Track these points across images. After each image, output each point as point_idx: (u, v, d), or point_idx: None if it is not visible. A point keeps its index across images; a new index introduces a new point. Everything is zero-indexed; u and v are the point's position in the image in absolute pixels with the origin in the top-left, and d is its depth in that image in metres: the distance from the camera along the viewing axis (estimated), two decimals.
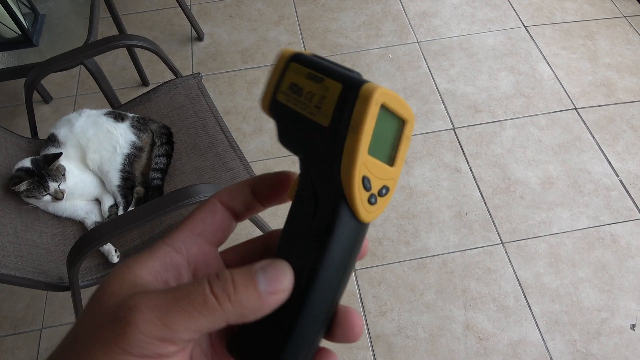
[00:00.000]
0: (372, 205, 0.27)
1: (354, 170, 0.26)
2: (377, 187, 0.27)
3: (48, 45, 1.42)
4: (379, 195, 0.28)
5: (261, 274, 0.25)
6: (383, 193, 0.28)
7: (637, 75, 1.87)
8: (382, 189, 0.28)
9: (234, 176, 1.18)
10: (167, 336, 0.22)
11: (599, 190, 1.60)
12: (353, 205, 0.26)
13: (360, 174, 0.26)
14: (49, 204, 1.13)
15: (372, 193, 0.27)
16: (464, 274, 1.46)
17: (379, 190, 0.27)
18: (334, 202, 0.27)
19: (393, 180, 0.28)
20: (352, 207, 0.26)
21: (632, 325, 1.36)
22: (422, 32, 2.07)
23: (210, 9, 2.23)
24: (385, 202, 0.28)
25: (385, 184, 0.28)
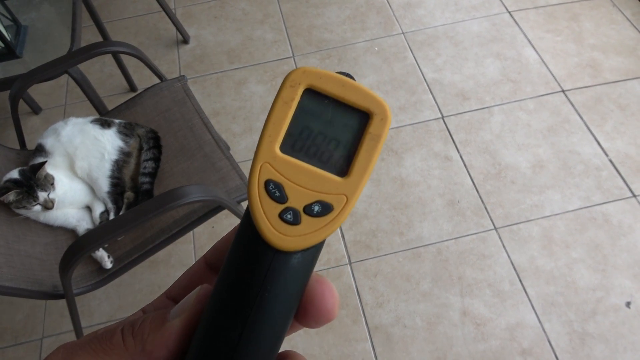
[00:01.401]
0: (288, 224, 0.20)
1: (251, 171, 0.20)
2: (303, 200, 0.20)
3: (32, 56, 1.42)
4: (308, 214, 0.20)
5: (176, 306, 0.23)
6: (316, 211, 0.20)
7: (623, 54, 1.88)
8: (315, 205, 0.20)
9: (222, 176, 1.18)
10: None
11: (589, 171, 1.61)
12: (253, 217, 0.20)
13: (260, 177, 0.20)
14: (40, 213, 1.13)
15: (288, 207, 0.20)
16: (459, 261, 1.47)
17: (306, 205, 0.20)
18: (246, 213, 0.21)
19: (343, 196, 0.21)
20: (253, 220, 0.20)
21: (628, 302, 1.37)
22: (406, 23, 2.07)
23: (195, 11, 2.23)
24: (326, 227, 0.20)
25: (323, 199, 0.20)
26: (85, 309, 1.47)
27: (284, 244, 0.20)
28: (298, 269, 0.21)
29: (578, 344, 1.31)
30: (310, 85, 0.21)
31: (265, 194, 0.20)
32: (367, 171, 0.21)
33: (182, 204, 0.96)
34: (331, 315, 0.22)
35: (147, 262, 1.24)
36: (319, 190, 0.20)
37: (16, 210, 1.10)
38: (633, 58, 1.86)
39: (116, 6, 2.31)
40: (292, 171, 0.20)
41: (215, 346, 0.21)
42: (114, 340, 0.22)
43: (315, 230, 0.20)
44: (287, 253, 0.20)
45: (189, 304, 0.22)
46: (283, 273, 0.20)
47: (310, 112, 0.21)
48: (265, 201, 0.20)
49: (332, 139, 0.21)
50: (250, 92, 1.93)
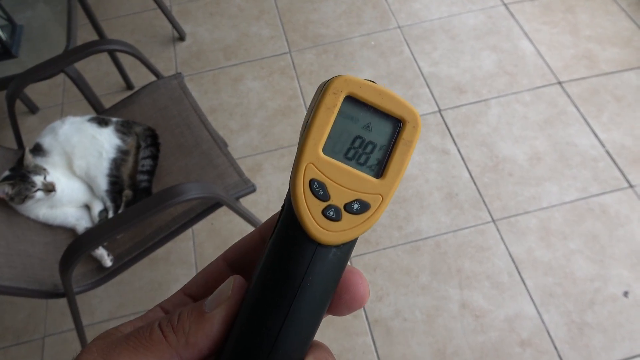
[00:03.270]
0: (330, 220, 0.22)
1: (296, 171, 0.22)
2: (343, 199, 0.22)
3: (28, 56, 1.42)
4: (348, 211, 0.22)
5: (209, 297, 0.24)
6: (355, 209, 0.22)
7: (618, 45, 1.88)
8: (354, 203, 0.22)
9: (220, 173, 1.19)
10: None
11: (586, 162, 1.61)
12: (297, 213, 0.22)
13: (305, 176, 0.22)
14: (40, 210, 1.14)
15: (330, 204, 0.22)
16: (457, 254, 1.48)
17: (346, 203, 0.22)
18: (288, 209, 0.23)
19: (379, 196, 0.23)
20: (297, 216, 0.22)
21: (625, 292, 1.38)
22: (402, 17, 2.07)
23: (191, 9, 2.23)
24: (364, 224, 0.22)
25: (361, 198, 0.22)
26: (87, 307, 1.48)
27: (326, 239, 0.22)
28: (336, 261, 0.22)
29: (576, 334, 1.32)
30: (350, 93, 0.22)
31: (310, 192, 0.22)
32: (400, 173, 0.23)
33: (180, 201, 0.96)
34: (363, 301, 0.24)
35: (147, 260, 1.25)
36: (358, 190, 0.22)
37: (21, 205, 1.09)
38: (629, 49, 1.87)
39: (112, 4, 2.31)
40: (334, 172, 0.22)
41: (258, 333, 0.22)
42: (154, 337, 0.22)
43: (354, 226, 0.22)
44: (328, 247, 0.22)
45: (226, 295, 0.23)
46: (324, 265, 0.22)
47: (350, 118, 0.22)
48: (310, 199, 0.22)
49: (369, 143, 0.22)
50: (247, 88, 1.93)
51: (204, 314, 0.23)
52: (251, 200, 1.61)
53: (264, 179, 1.68)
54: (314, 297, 0.22)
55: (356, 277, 0.24)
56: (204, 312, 0.23)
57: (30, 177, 1.08)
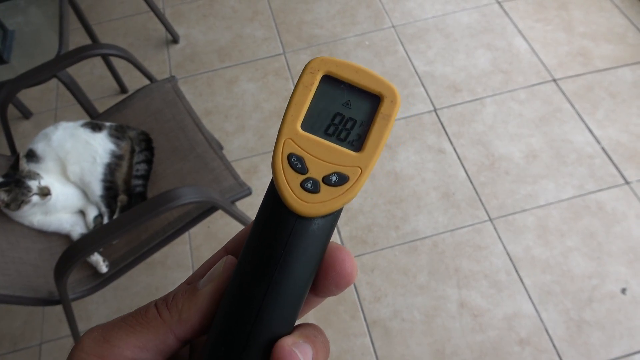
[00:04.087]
0: (309, 192, 0.23)
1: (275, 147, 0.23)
2: (322, 172, 0.23)
3: (20, 61, 1.41)
4: (326, 183, 0.23)
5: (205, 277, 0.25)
6: (334, 181, 0.23)
7: (612, 42, 1.88)
8: (333, 175, 0.23)
9: (216, 176, 1.18)
10: (106, 352, 0.22)
11: (582, 159, 1.61)
12: (277, 186, 0.23)
13: (284, 151, 0.23)
14: (35, 217, 1.13)
15: (308, 177, 0.23)
16: (455, 253, 1.48)
17: (325, 176, 0.23)
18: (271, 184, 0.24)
19: (357, 168, 0.23)
20: (277, 189, 0.23)
21: (623, 289, 1.38)
22: (396, 16, 2.07)
23: (184, 11, 2.22)
24: (342, 195, 0.23)
25: (340, 171, 0.23)
26: (83, 313, 1.47)
27: (305, 210, 0.23)
28: (317, 233, 0.23)
29: (575, 331, 1.32)
30: (327, 71, 0.23)
31: (288, 165, 0.23)
32: (379, 146, 0.23)
33: (175, 206, 0.96)
34: (351, 278, 0.24)
35: (143, 265, 1.24)
36: (336, 163, 0.23)
37: (17, 211, 1.08)
38: (623, 45, 1.87)
39: (104, 8, 2.29)
40: (312, 146, 0.23)
41: (242, 303, 0.23)
42: (150, 315, 0.23)
43: (333, 198, 0.23)
44: (308, 218, 0.23)
45: (218, 272, 0.24)
46: (304, 237, 0.23)
47: (328, 95, 0.23)
48: (288, 172, 0.23)
49: (347, 119, 0.23)
50: (241, 90, 1.92)
51: (196, 291, 0.24)
52: (247, 202, 1.60)
53: (260, 181, 1.68)
54: (296, 268, 0.23)
55: (342, 254, 0.24)
56: (196, 290, 0.24)
57: (26, 182, 1.08)
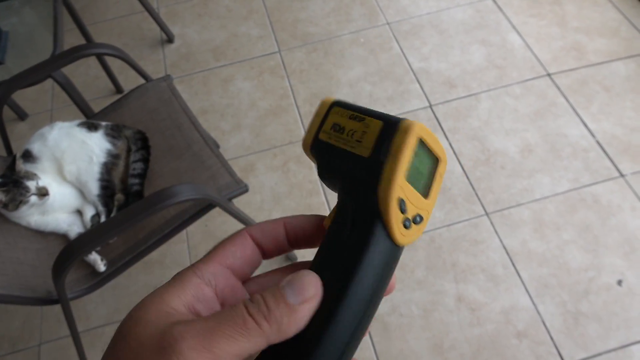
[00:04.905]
0: (406, 229, 0.28)
1: (392, 190, 0.28)
2: (412, 213, 0.29)
3: (14, 62, 1.41)
4: (413, 222, 0.29)
5: (288, 288, 0.26)
6: (417, 220, 0.29)
7: (606, 36, 1.89)
8: (417, 216, 0.29)
9: (212, 174, 1.18)
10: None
11: (577, 153, 1.62)
12: (388, 223, 0.28)
13: (397, 195, 0.28)
14: (32, 217, 1.13)
15: (407, 217, 0.28)
16: (452, 248, 1.48)
17: (413, 216, 0.29)
18: (370, 220, 0.28)
19: (427, 212, 0.30)
20: (388, 225, 0.28)
21: (619, 281, 1.39)
22: (391, 13, 2.07)
23: (178, 10, 2.22)
24: (419, 231, 0.29)
25: (420, 213, 0.29)
26: (82, 313, 1.47)
27: (403, 241, 0.28)
28: (398, 258, 0.29)
29: (572, 323, 1.33)
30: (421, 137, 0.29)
31: (398, 207, 0.28)
32: (437, 195, 0.31)
33: (172, 203, 0.96)
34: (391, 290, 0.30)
35: (141, 264, 1.24)
36: (419, 207, 0.29)
37: (14, 211, 1.08)
38: (616, 39, 1.88)
39: (98, 8, 2.29)
40: (409, 193, 0.29)
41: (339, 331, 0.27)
42: (249, 325, 0.24)
43: (415, 233, 0.29)
44: (400, 247, 0.29)
45: (310, 293, 0.26)
46: (394, 260, 0.29)
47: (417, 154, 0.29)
48: (397, 213, 0.28)
49: (425, 174, 0.30)
50: (237, 89, 1.93)
51: (292, 307, 0.25)
52: (245, 200, 1.61)
53: (256, 179, 1.68)
54: (380, 292, 0.28)
55: None
56: (290, 304, 0.25)
57: (24, 182, 1.08)
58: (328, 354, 0.26)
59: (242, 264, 0.29)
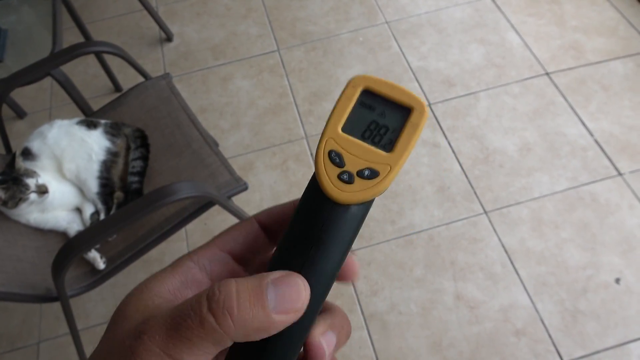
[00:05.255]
0: (345, 183, 0.27)
1: (320, 143, 0.28)
2: (356, 166, 0.27)
3: (13, 60, 1.41)
4: (359, 176, 0.27)
5: (272, 290, 0.22)
6: (366, 175, 0.27)
7: (604, 35, 1.90)
8: (365, 170, 0.27)
9: (212, 172, 1.18)
10: None
11: (575, 152, 1.63)
12: (317, 177, 0.27)
13: (326, 148, 0.27)
14: (31, 215, 1.13)
15: (345, 170, 0.27)
16: (451, 246, 1.49)
17: (359, 170, 0.27)
18: (312, 177, 0.28)
19: (387, 166, 0.27)
20: (318, 179, 0.27)
21: (617, 279, 1.39)
22: (390, 12, 2.07)
23: (177, 9, 2.22)
24: (373, 187, 0.27)
25: (372, 167, 0.27)
26: (81, 311, 1.47)
27: (340, 197, 0.26)
28: (349, 220, 0.27)
29: (570, 321, 1.34)
30: (367, 87, 0.28)
31: (329, 160, 0.27)
32: (408, 148, 0.27)
33: (172, 201, 0.96)
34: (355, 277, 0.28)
35: (140, 262, 1.24)
36: (369, 160, 0.27)
37: (14, 209, 1.08)
38: (614, 38, 1.88)
39: (97, 6, 2.29)
40: (350, 145, 0.27)
41: None
42: (207, 327, 0.21)
43: (364, 189, 0.26)
44: (342, 205, 0.26)
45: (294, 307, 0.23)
46: (338, 221, 0.26)
47: (366, 106, 0.28)
48: (328, 165, 0.27)
49: (382, 126, 0.28)
50: (236, 87, 1.93)
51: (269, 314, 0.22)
52: (244, 198, 1.61)
53: (256, 177, 1.68)
54: (330, 248, 0.26)
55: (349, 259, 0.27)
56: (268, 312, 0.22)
57: (24, 180, 1.08)
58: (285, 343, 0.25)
59: (243, 249, 0.28)
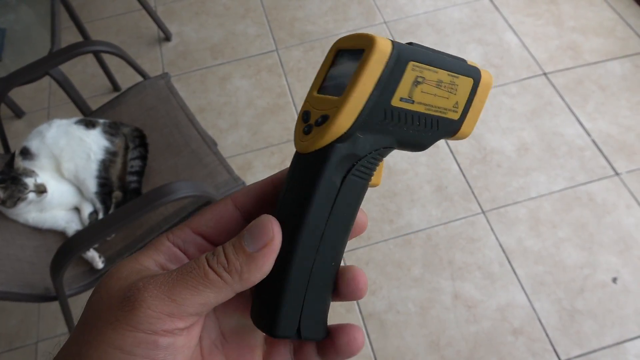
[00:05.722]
0: (305, 134, 0.28)
1: (301, 109, 0.29)
2: (315, 117, 0.27)
3: (11, 59, 1.41)
4: (316, 125, 0.27)
5: (247, 236, 0.26)
6: (319, 122, 0.27)
7: (602, 35, 1.90)
8: (319, 118, 0.27)
9: (210, 171, 1.19)
10: (174, 311, 0.24)
11: (572, 152, 1.63)
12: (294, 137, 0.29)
13: (302, 111, 0.29)
14: (30, 214, 1.13)
15: (308, 124, 0.28)
16: (449, 245, 1.49)
17: (315, 119, 0.27)
18: None
19: (335, 108, 0.26)
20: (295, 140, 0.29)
21: (614, 278, 1.40)
22: (388, 12, 2.08)
23: (176, 8, 2.22)
24: (322, 131, 0.26)
25: (324, 113, 0.27)
26: (80, 311, 1.46)
27: (299, 147, 0.28)
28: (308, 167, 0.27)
29: (567, 320, 1.34)
30: (339, 47, 0.28)
31: (301, 119, 0.28)
32: (354, 87, 0.26)
33: (170, 200, 0.96)
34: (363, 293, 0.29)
35: None
36: (324, 109, 0.27)
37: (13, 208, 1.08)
38: (612, 39, 1.89)
39: (95, 6, 2.29)
40: (316, 102, 0.28)
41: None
42: (211, 277, 0.24)
43: (317, 134, 0.27)
44: (304, 154, 0.27)
45: (268, 237, 0.26)
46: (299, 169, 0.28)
47: (335, 64, 0.28)
48: (299, 124, 0.28)
49: (342, 76, 0.28)
50: (235, 87, 1.93)
51: (251, 255, 0.25)
52: None
53: (254, 177, 1.68)
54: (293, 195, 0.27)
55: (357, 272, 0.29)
56: (248, 253, 0.25)
57: (22, 179, 1.08)
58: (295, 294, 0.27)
59: (216, 232, 0.29)
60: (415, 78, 0.27)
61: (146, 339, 0.23)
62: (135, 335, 0.23)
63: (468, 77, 0.28)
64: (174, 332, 0.24)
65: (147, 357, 0.23)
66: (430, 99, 0.28)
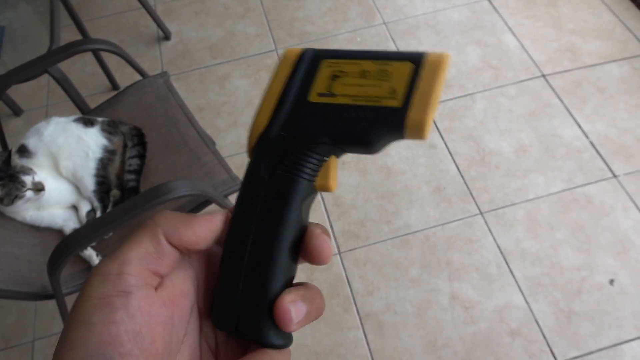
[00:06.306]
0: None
1: None
2: None
3: (10, 57, 1.40)
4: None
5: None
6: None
7: (601, 38, 1.91)
8: None
9: (208, 171, 1.19)
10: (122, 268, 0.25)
11: (570, 154, 1.64)
12: None
13: None
14: (27, 212, 1.13)
15: None
16: (446, 246, 1.49)
17: None
18: None
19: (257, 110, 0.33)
20: None
21: (611, 280, 1.40)
22: (388, 13, 2.08)
23: (175, 7, 2.22)
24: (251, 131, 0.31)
25: None
26: None
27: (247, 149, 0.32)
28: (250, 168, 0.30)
29: (565, 322, 1.34)
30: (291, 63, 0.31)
31: None
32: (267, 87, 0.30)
33: (168, 199, 0.96)
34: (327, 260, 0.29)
35: None
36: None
37: (10, 206, 1.08)
38: (610, 41, 1.89)
39: (95, 4, 2.28)
40: None
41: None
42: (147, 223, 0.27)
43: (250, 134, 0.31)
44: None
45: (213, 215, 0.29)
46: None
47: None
48: None
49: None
50: (234, 86, 1.93)
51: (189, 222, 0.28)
52: None
53: None
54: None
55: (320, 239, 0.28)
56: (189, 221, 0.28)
57: (20, 177, 1.08)
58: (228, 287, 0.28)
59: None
60: (332, 73, 0.28)
61: (100, 304, 0.24)
62: (90, 304, 0.24)
63: (403, 61, 0.27)
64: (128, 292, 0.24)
65: (106, 322, 0.24)
66: (356, 90, 0.27)
